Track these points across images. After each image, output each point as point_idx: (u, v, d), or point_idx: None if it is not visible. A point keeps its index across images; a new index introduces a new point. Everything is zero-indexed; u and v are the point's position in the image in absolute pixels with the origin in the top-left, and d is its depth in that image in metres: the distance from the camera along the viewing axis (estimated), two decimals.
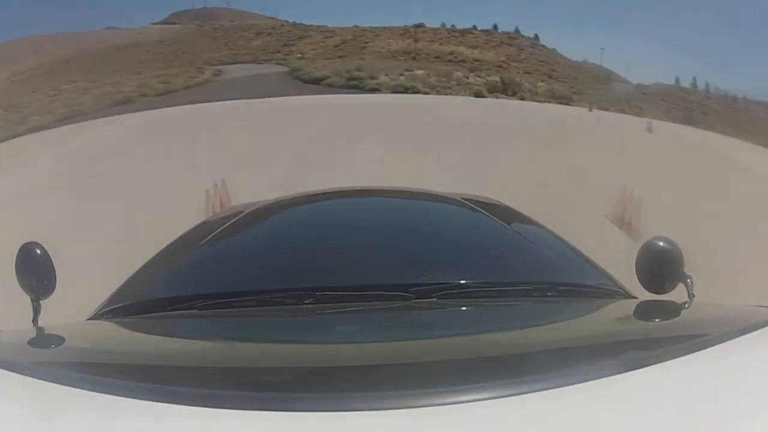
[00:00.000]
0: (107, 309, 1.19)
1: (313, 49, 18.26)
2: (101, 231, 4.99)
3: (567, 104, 17.22)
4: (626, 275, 1.24)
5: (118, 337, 1.06)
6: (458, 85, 17.62)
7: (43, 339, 0.99)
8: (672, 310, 1.04)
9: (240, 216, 1.65)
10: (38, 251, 1.10)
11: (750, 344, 0.75)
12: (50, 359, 0.88)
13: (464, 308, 1.12)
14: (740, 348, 0.73)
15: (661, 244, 1.15)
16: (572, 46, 19.94)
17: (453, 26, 19.17)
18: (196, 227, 1.71)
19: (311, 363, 0.83)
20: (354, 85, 17.12)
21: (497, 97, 17.41)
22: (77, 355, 0.89)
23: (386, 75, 17.47)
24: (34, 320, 1.09)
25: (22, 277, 1.10)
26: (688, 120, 16.16)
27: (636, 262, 1.15)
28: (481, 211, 1.66)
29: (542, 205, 2.81)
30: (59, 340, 0.98)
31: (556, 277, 1.28)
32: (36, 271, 1.10)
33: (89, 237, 4.75)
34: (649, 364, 0.66)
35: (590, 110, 15.82)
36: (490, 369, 0.75)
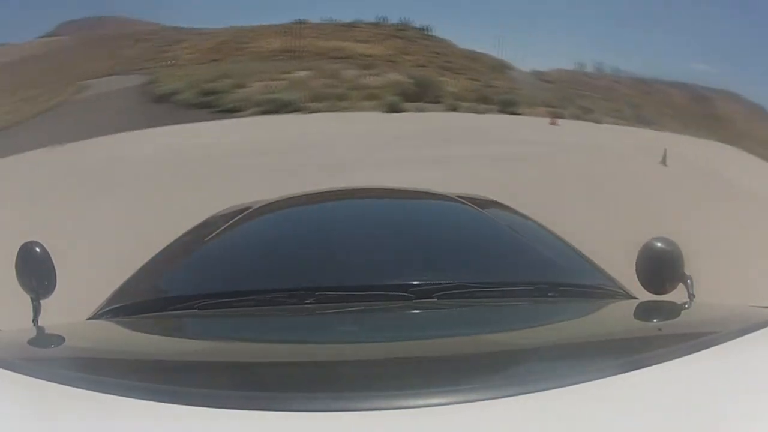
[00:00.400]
0: (107, 309, 1.19)
1: (189, 53, 15.10)
2: None
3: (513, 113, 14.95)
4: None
5: (118, 337, 1.06)
6: (354, 89, 14.03)
7: (43, 339, 0.99)
8: (672, 310, 1.04)
9: (240, 216, 1.65)
10: (38, 251, 1.10)
11: (750, 344, 0.75)
12: (50, 359, 0.88)
13: (464, 308, 1.12)
14: (740, 348, 0.73)
15: (662, 244, 1.15)
16: (467, 36, 18.48)
17: (338, 21, 16.23)
18: (196, 227, 1.71)
19: (311, 363, 0.83)
20: (208, 102, 12.67)
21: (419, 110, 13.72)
22: (77, 355, 0.89)
23: (261, 80, 13.72)
24: (34, 320, 1.09)
25: (22, 277, 1.10)
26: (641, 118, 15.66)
27: (636, 263, 1.15)
28: (481, 211, 1.66)
29: None
30: (59, 340, 0.98)
31: (556, 278, 1.28)
32: (36, 271, 1.10)
33: None
34: (650, 365, 0.66)
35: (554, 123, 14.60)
36: (490, 369, 0.75)
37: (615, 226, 4.38)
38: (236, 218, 1.63)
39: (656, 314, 1.08)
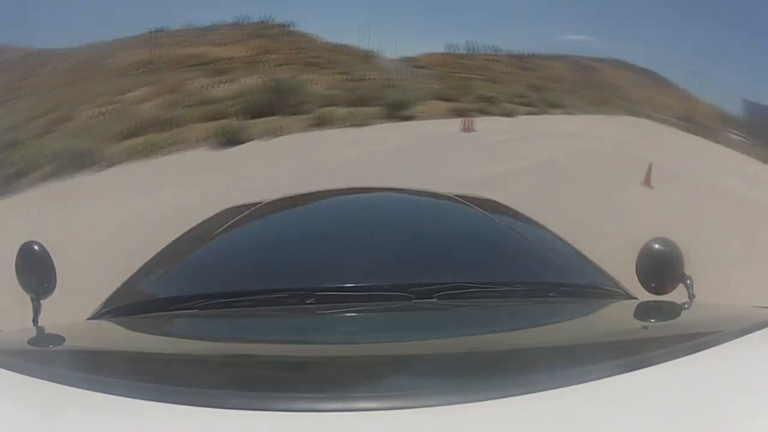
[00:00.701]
0: (107, 309, 1.19)
1: (52, 77, 12.46)
2: None
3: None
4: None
5: (118, 337, 1.06)
6: (196, 105, 11.27)
7: (43, 339, 0.99)
8: (672, 310, 1.04)
9: (239, 216, 1.65)
10: (38, 251, 1.11)
11: (750, 345, 0.75)
12: (50, 359, 0.88)
13: (464, 308, 1.12)
14: (740, 348, 0.73)
15: (662, 244, 1.15)
16: (333, 28, 16.19)
17: (197, 25, 13.90)
18: (196, 227, 1.71)
19: (311, 363, 0.83)
20: None
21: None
22: (77, 355, 0.89)
23: (98, 105, 10.66)
24: (34, 320, 1.09)
25: (22, 277, 1.10)
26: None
27: (636, 263, 1.16)
28: (481, 212, 1.66)
29: None
30: (59, 340, 0.98)
31: (556, 278, 1.28)
32: (36, 271, 1.10)
33: None
34: (650, 365, 0.66)
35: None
36: (491, 369, 0.75)
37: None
38: (236, 218, 1.63)
39: (656, 314, 1.08)
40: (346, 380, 0.73)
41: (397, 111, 12.66)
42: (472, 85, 15.02)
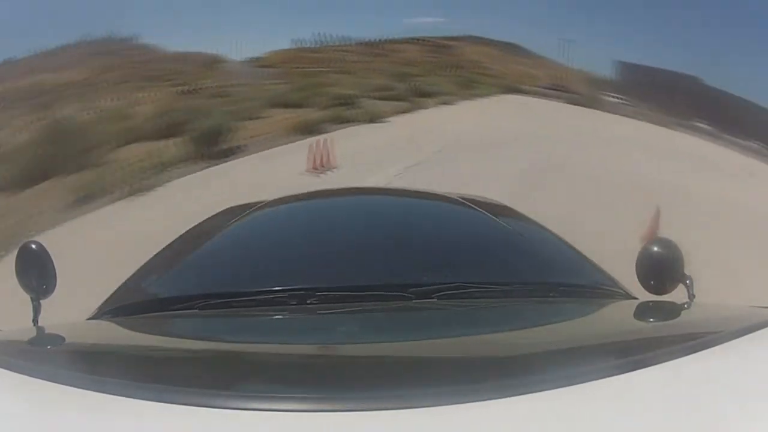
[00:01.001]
0: (107, 309, 1.19)
1: None
2: None
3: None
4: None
5: (118, 337, 1.06)
6: None
7: (43, 339, 0.99)
8: (672, 310, 1.04)
9: (240, 216, 1.65)
10: (38, 251, 1.10)
11: (750, 345, 0.75)
12: (50, 359, 0.88)
13: (464, 308, 1.12)
14: (740, 348, 0.73)
15: (662, 244, 1.15)
16: (178, 35, 14.66)
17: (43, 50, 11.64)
18: (196, 227, 1.71)
19: (311, 363, 0.83)
20: None
21: None
22: (77, 355, 0.89)
23: None
24: (34, 320, 1.09)
25: (22, 277, 1.10)
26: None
27: (636, 263, 1.15)
28: (481, 212, 1.66)
29: None
30: (59, 339, 0.98)
31: (556, 278, 1.28)
32: (36, 271, 1.10)
33: None
34: (650, 365, 0.66)
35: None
36: (491, 369, 0.75)
37: None
38: (236, 218, 1.63)
39: (656, 314, 1.08)
40: (346, 380, 0.73)
41: (211, 146, 8.29)
42: (323, 82, 12.58)
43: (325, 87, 12.13)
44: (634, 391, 0.63)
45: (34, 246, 1.11)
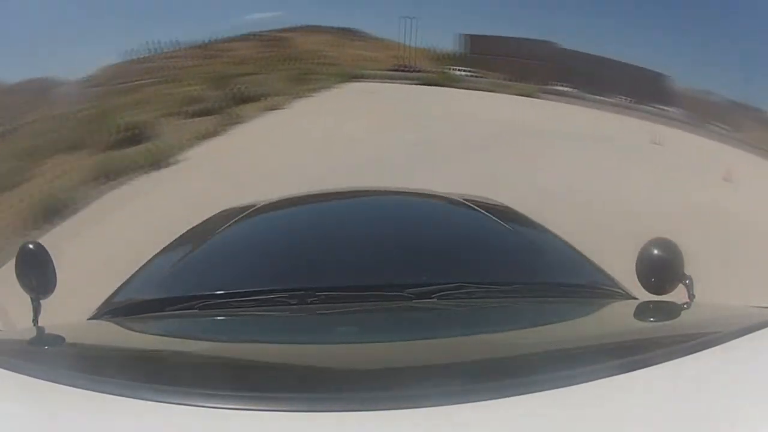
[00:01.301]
0: (107, 309, 1.19)
1: None
2: None
3: None
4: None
5: (118, 337, 1.06)
6: None
7: (43, 339, 0.99)
8: (672, 310, 1.04)
9: (240, 216, 1.65)
10: (38, 251, 1.10)
11: (750, 345, 0.75)
12: (50, 359, 0.88)
13: (464, 308, 1.12)
14: (740, 349, 0.73)
15: (662, 245, 1.15)
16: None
17: None
18: (196, 227, 1.71)
19: (311, 363, 0.83)
20: None
21: None
22: (77, 355, 0.89)
23: None
24: (34, 320, 1.08)
25: (22, 277, 1.10)
26: None
27: (636, 263, 1.15)
28: (481, 212, 1.66)
29: None
30: (59, 340, 0.98)
31: (556, 278, 1.28)
32: (36, 271, 1.10)
33: None
34: (650, 365, 0.66)
35: None
36: (490, 369, 0.74)
37: None
38: (236, 218, 1.63)
39: (656, 314, 1.08)
40: (346, 380, 0.73)
41: None
42: (129, 102, 8.41)
43: (121, 112, 8.26)
44: (634, 391, 0.63)
45: (34, 246, 1.11)
